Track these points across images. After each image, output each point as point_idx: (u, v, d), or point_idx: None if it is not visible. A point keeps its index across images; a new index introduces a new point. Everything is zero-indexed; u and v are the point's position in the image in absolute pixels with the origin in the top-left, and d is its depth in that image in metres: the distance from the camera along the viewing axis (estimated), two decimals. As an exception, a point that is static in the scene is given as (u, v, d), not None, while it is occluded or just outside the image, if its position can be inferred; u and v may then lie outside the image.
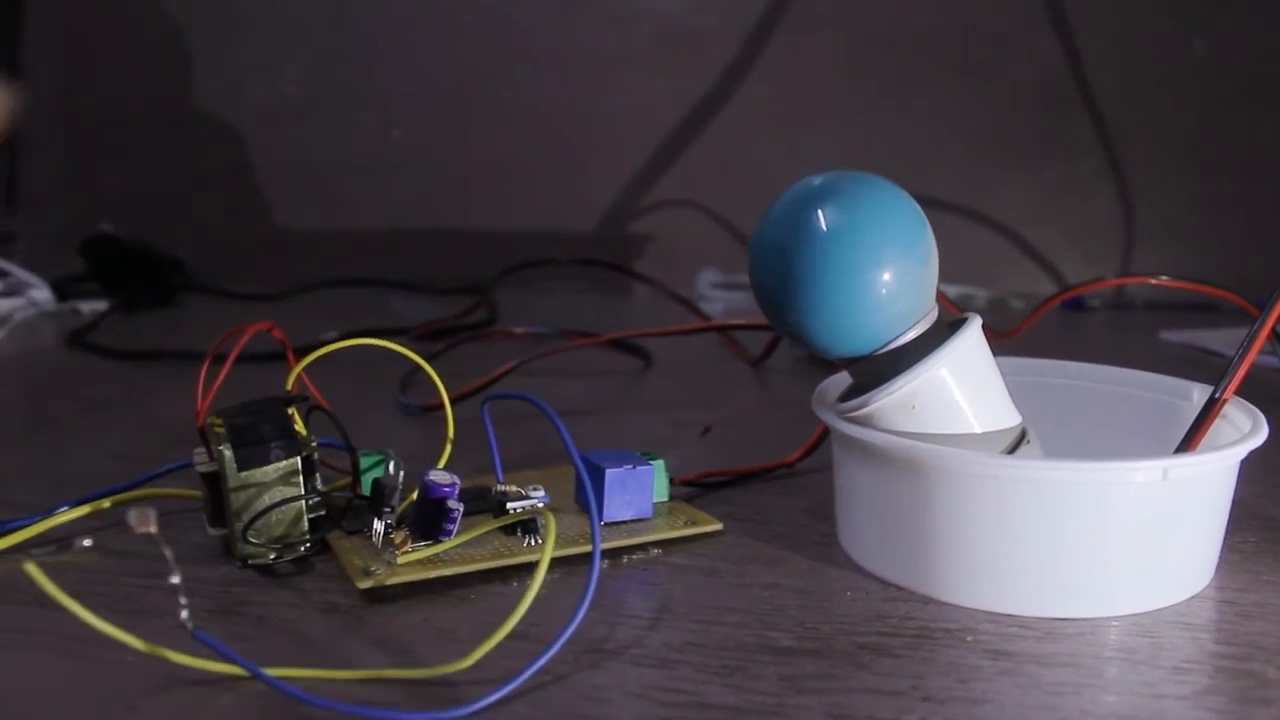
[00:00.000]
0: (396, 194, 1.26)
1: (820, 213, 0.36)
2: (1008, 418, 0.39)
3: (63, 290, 1.13)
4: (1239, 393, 0.40)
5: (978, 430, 0.38)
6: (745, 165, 1.17)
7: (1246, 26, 1.08)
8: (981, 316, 0.40)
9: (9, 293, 1.11)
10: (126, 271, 1.18)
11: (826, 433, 0.47)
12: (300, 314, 1.09)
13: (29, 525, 0.43)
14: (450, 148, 1.23)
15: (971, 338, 0.38)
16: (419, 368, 0.47)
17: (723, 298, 1.12)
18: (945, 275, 0.39)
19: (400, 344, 0.47)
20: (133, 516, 0.28)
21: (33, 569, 0.28)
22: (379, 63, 1.25)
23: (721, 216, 1.18)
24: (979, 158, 1.14)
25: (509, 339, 0.87)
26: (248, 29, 1.28)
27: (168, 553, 0.29)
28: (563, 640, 0.32)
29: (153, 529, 0.28)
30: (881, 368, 0.38)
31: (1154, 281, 0.64)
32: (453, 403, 0.47)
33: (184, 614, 0.30)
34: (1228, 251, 1.08)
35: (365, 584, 0.37)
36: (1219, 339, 0.86)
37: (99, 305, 1.09)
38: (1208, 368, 0.77)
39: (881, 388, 0.38)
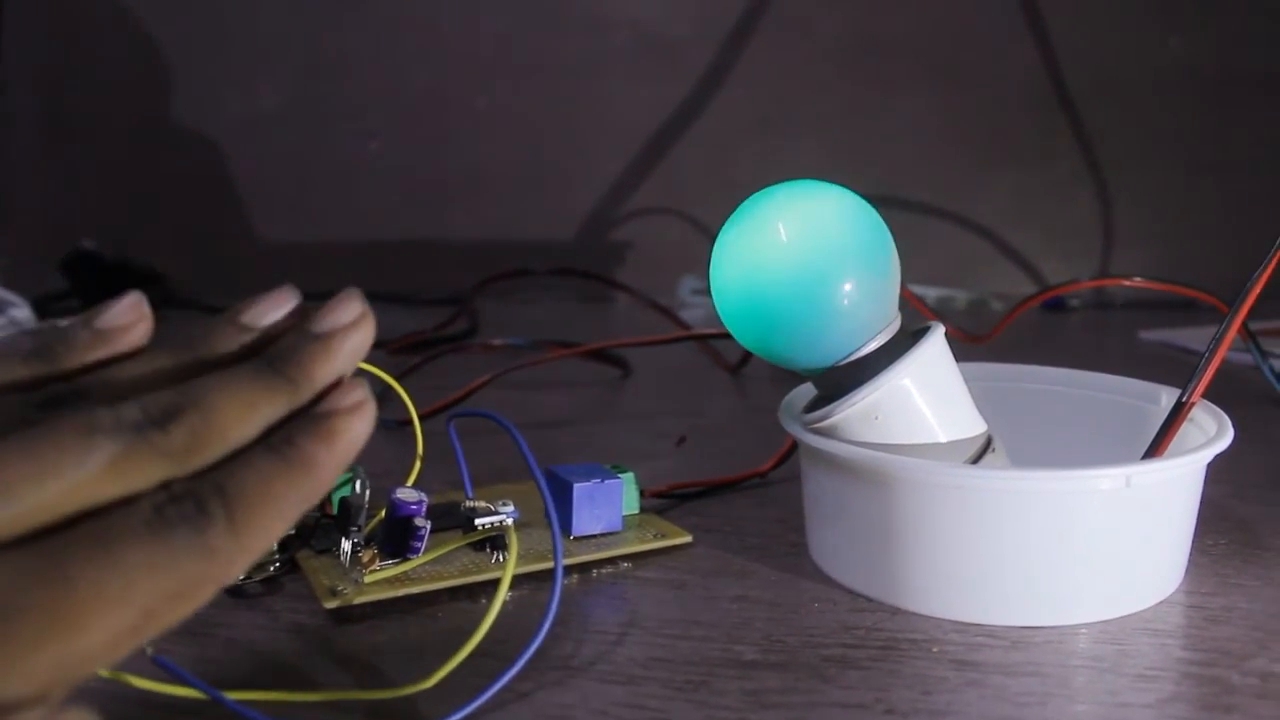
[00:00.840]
0: (375, 205, 1.25)
1: (780, 224, 0.36)
2: (972, 426, 0.39)
3: (43, 308, 1.13)
4: (1208, 393, 0.40)
5: (942, 439, 0.38)
6: (725, 171, 1.17)
7: (1221, 26, 1.08)
8: (963, 318, 0.40)
9: (-12, 311, 1.10)
10: (107, 287, 1.18)
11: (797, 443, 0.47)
12: (281, 327, 1.08)
13: None
14: (428, 158, 1.23)
15: (934, 347, 0.38)
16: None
17: (703, 304, 1.12)
18: (927, 277, 0.39)
19: (377, 359, 0.47)
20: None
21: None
22: (356, 75, 1.25)
23: (701, 223, 1.18)
24: (959, 160, 1.14)
25: (488, 351, 0.86)
26: (225, 44, 1.28)
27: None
28: (525, 658, 0.32)
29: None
30: (844, 379, 0.38)
31: (1128, 283, 0.65)
32: (423, 418, 0.47)
33: (143, 640, 0.30)
34: (1206, 250, 1.08)
35: (332, 604, 0.37)
36: (1197, 337, 0.86)
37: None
38: (1183, 367, 0.77)
39: (844, 399, 0.37)
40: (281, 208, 1.28)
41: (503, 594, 0.33)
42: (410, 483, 0.46)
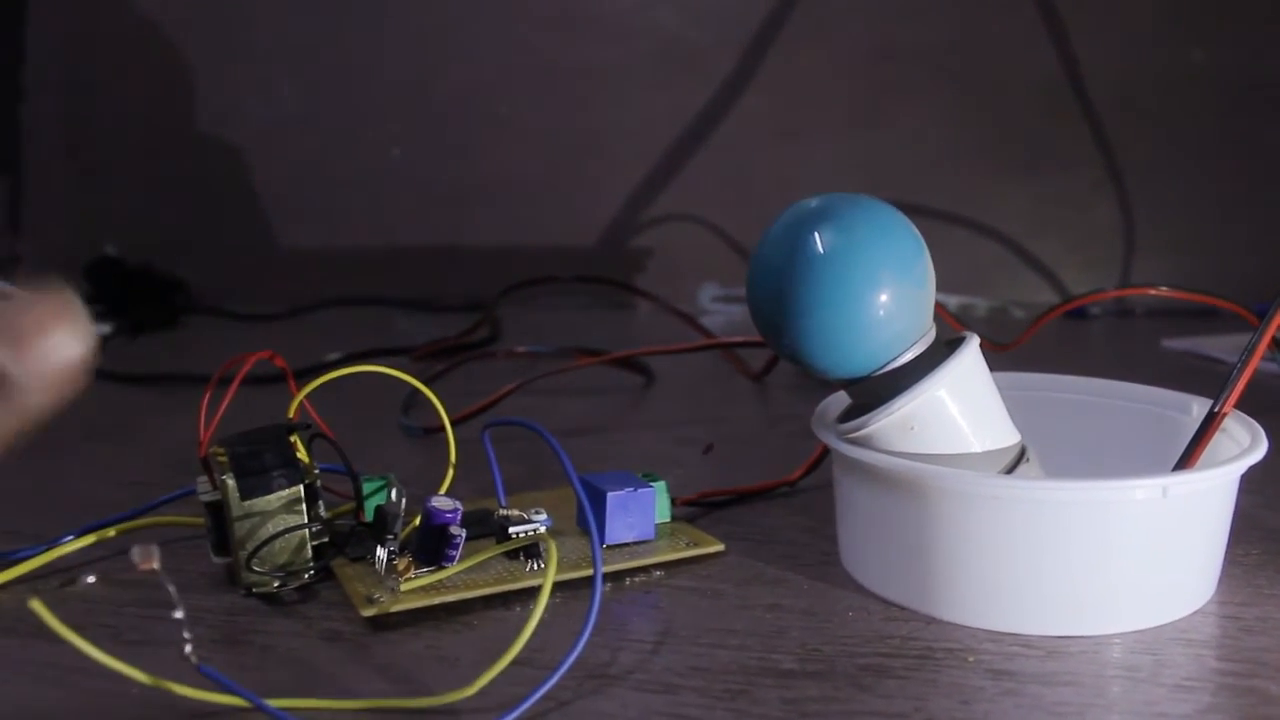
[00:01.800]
0: (398, 212, 1.26)
1: (817, 235, 0.36)
2: (1007, 436, 0.39)
3: (66, 313, 1.14)
4: (1239, 404, 0.40)
5: (977, 450, 0.38)
6: (745, 178, 1.17)
7: (1245, 36, 1.08)
8: (983, 326, 0.40)
9: (13, 317, 1.11)
10: (130, 294, 1.19)
11: (827, 451, 0.47)
12: (303, 334, 1.09)
13: (34, 555, 0.43)
14: (451, 165, 1.24)
15: (969, 358, 0.38)
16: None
17: (724, 310, 1.12)
18: (947, 285, 0.39)
19: (401, 366, 0.47)
20: (136, 553, 0.29)
21: (38, 607, 0.28)
22: (378, 81, 1.25)
23: (722, 230, 1.18)
24: (979, 168, 1.14)
25: (511, 358, 0.87)
26: (247, 50, 1.28)
27: (171, 589, 0.30)
28: (566, 666, 0.32)
29: (155, 565, 0.29)
30: (880, 389, 0.38)
31: (1154, 292, 0.65)
32: (453, 424, 0.47)
33: (188, 648, 0.30)
34: (1228, 258, 1.08)
35: (369, 612, 0.38)
36: (1220, 345, 0.86)
37: (103, 328, 1.09)
38: (1209, 377, 0.77)
39: (880, 409, 0.38)
40: (303, 214, 1.29)
41: (543, 602, 0.34)
42: (443, 491, 0.46)
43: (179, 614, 0.30)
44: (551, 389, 0.72)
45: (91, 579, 0.35)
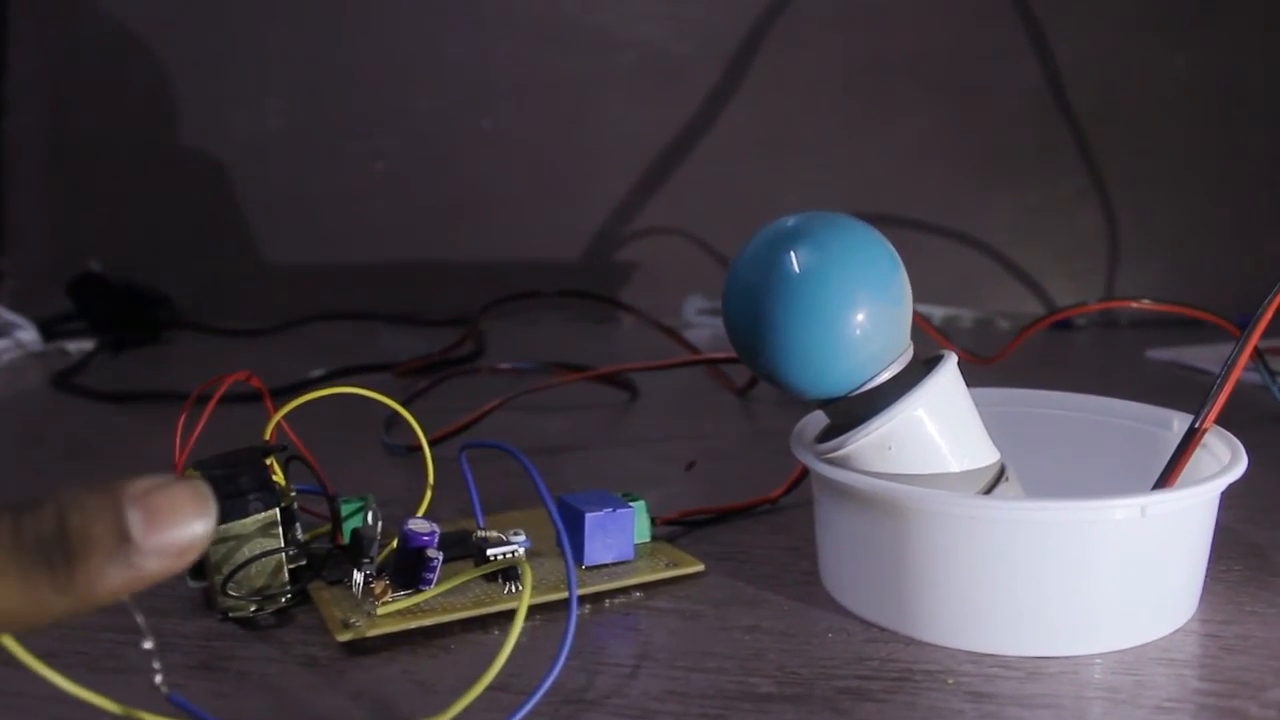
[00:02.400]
0: (381, 226, 1.26)
1: (792, 254, 0.36)
2: (985, 455, 0.39)
3: (49, 330, 1.13)
4: (1220, 418, 0.40)
5: (955, 469, 0.38)
6: (729, 191, 1.17)
7: (1227, 43, 1.08)
8: (969, 337, 0.40)
9: (-5, 334, 1.11)
10: (114, 310, 1.18)
11: (808, 469, 0.47)
12: (287, 349, 1.09)
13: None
14: (434, 179, 1.24)
15: (947, 377, 0.38)
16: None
17: (709, 323, 1.12)
18: (932, 297, 0.39)
19: (384, 382, 0.47)
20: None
21: (6, 638, 0.28)
22: (362, 95, 1.25)
23: (707, 242, 1.18)
24: (963, 179, 1.14)
25: (494, 374, 0.86)
26: (230, 64, 1.28)
27: (139, 618, 0.29)
28: (541, 692, 0.32)
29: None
30: (857, 409, 0.38)
31: (1136, 305, 0.65)
32: (433, 444, 0.47)
33: (158, 679, 0.30)
34: (1212, 267, 1.09)
35: (345, 637, 0.37)
36: (1204, 356, 0.86)
37: (86, 345, 1.09)
38: (1192, 388, 0.77)
39: (857, 429, 0.37)
40: (287, 229, 1.29)
41: (518, 627, 0.33)
42: (421, 512, 0.46)
43: (148, 644, 0.29)
44: (534, 405, 0.72)
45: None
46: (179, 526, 0.25)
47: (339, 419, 0.58)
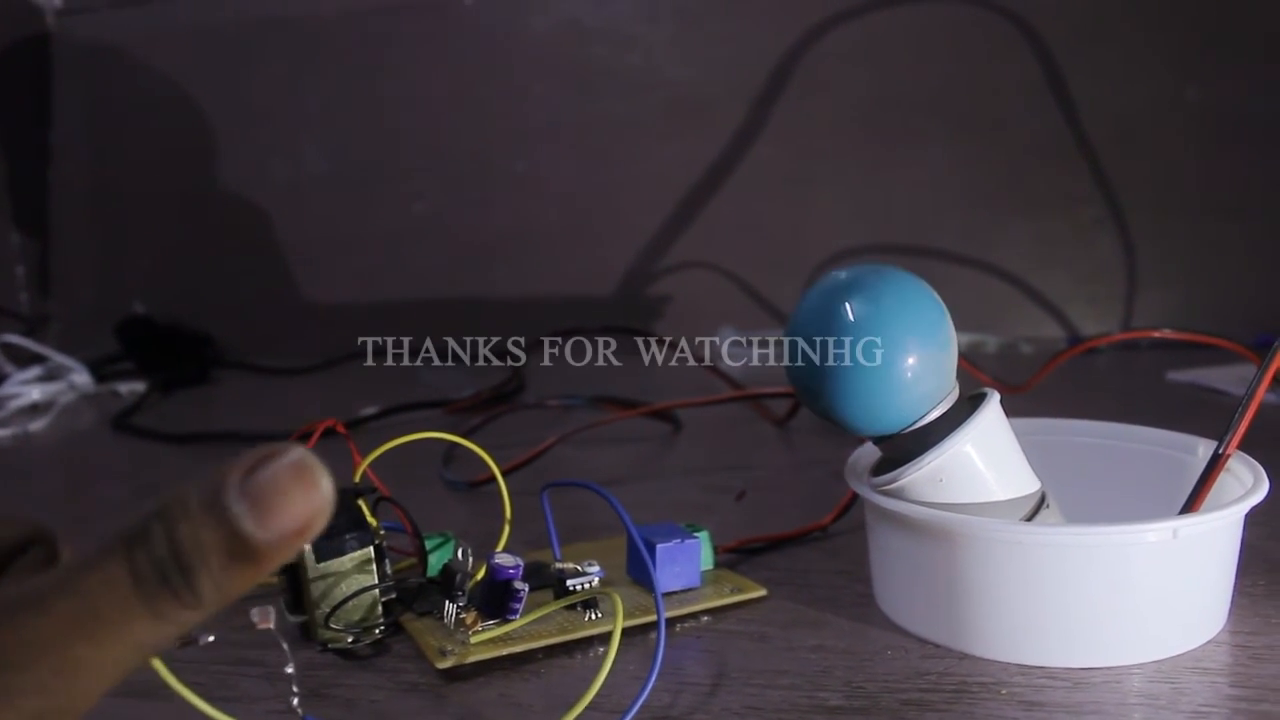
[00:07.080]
0: (420, 266, 1.29)
1: (848, 305, 0.40)
2: (1027, 484, 0.43)
3: (99, 372, 1.17)
4: (1243, 441, 0.43)
5: (1000, 498, 0.41)
6: (757, 225, 1.21)
7: (1237, 73, 1.11)
8: (994, 362, 0.43)
9: (48, 377, 1.14)
10: (160, 351, 1.22)
11: (856, 497, 0.50)
12: (332, 387, 1.12)
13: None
14: (472, 219, 1.27)
15: (991, 414, 0.41)
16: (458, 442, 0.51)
17: (742, 354, 1.15)
18: (957, 324, 0.42)
19: (437, 419, 0.50)
20: (255, 614, 0.31)
21: (158, 664, 0.31)
22: (400, 139, 1.29)
23: (737, 275, 1.21)
24: (984, 209, 1.17)
25: (542, 409, 0.89)
26: (270, 112, 1.32)
27: (284, 645, 0.33)
28: (636, 708, 0.35)
29: (271, 625, 0.31)
30: (910, 445, 0.41)
31: (1157, 334, 0.68)
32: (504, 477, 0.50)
33: (295, 700, 0.33)
34: (1229, 291, 1.11)
35: (444, 664, 0.41)
36: (1223, 377, 0.89)
37: (137, 386, 1.13)
38: (1214, 410, 0.80)
39: (911, 464, 0.41)
40: (328, 269, 1.32)
41: (614, 650, 0.37)
42: (500, 546, 0.49)
43: (290, 669, 0.33)
44: (582, 439, 0.75)
45: (210, 638, 0.37)
46: (290, 508, 0.24)
47: (396, 455, 0.61)
